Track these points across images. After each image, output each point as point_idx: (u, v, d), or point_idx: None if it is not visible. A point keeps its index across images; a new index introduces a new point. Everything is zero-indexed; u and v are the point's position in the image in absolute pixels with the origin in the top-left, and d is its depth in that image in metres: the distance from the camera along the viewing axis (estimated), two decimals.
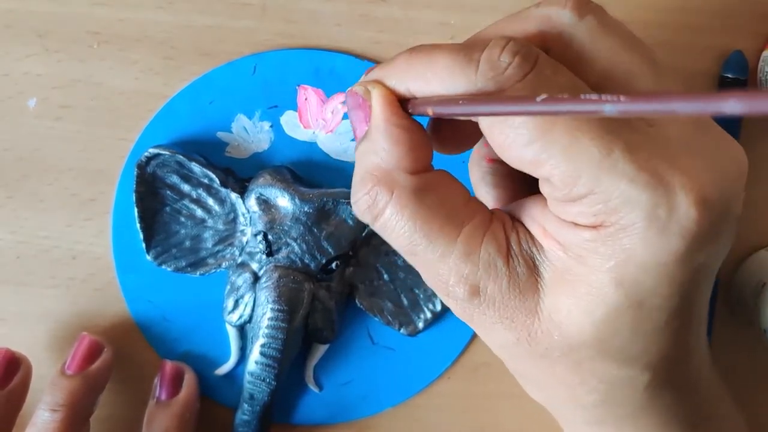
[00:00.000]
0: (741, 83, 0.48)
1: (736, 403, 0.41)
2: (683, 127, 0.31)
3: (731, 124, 0.48)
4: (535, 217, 0.33)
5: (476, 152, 0.39)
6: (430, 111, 0.32)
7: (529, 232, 0.33)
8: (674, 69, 0.49)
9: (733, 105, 0.20)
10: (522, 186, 0.38)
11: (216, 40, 0.49)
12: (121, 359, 0.50)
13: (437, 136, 0.37)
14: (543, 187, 0.32)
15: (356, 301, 0.49)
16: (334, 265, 0.48)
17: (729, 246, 0.33)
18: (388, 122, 0.33)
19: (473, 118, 0.33)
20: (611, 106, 0.24)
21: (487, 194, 0.40)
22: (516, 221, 0.34)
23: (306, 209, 0.47)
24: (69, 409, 0.45)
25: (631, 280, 0.30)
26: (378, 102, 0.34)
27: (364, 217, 0.34)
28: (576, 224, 0.31)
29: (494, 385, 0.51)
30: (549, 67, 0.31)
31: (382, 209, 0.33)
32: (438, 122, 0.37)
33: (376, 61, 0.49)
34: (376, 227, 0.34)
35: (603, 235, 0.30)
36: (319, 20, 0.49)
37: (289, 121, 0.49)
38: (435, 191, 0.33)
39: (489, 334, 0.34)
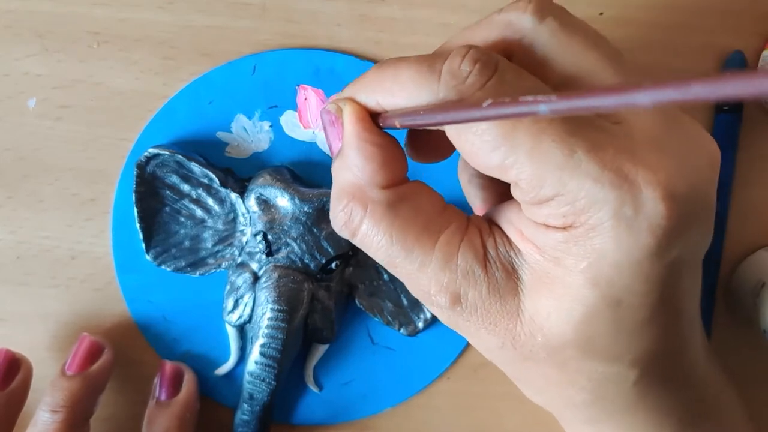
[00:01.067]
0: None
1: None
2: (651, 123, 0.31)
3: (731, 125, 0.48)
4: (512, 221, 0.33)
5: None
6: (397, 123, 0.32)
7: (507, 236, 0.33)
8: (674, 69, 0.49)
9: (643, 97, 0.20)
10: (507, 187, 0.38)
11: (216, 40, 0.49)
12: (121, 359, 0.50)
13: (414, 146, 0.37)
14: (514, 191, 0.32)
15: (356, 301, 0.49)
16: (333, 265, 0.48)
17: (708, 237, 0.33)
18: (359, 139, 0.34)
19: (440, 128, 0.33)
20: (544, 106, 0.24)
21: (475, 197, 0.40)
22: (494, 225, 0.34)
23: (306, 209, 0.47)
24: (69, 410, 0.45)
25: (606, 279, 0.30)
26: (349, 119, 0.34)
27: (343, 233, 0.34)
28: (548, 226, 0.31)
29: (494, 385, 0.51)
30: (510, 73, 0.31)
31: (358, 225, 0.34)
32: (414, 133, 0.37)
33: (376, 61, 0.49)
34: (356, 242, 0.34)
35: (574, 235, 0.30)
36: (319, 20, 0.49)
37: (288, 121, 0.49)
38: (409, 202, 0.34)
39: (475, 340, 0.35)
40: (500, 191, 0.39)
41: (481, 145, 0.30)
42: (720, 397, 0.39)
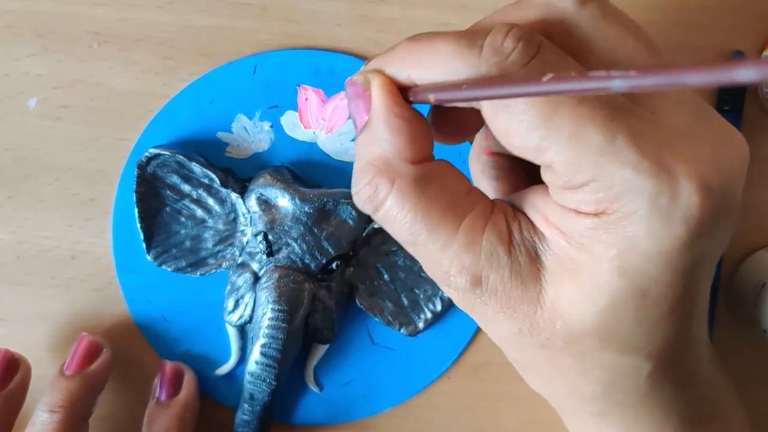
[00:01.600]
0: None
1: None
2: (685, 116, 0.31)
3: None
4: (537, 206, 0.33)
5: (476, 146, 0.39)
6: (432, 98, 0.32)
7: (531, 222, 0.33)
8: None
9: (744, 73, 0.20)
10: (522, 177, 0.38)
11: (216, 40, 0.49)
12: (121, 359, 0.50)
13: (437, 125, 0.37)
14: (545, 175, 0.32)
15: (356, 301, 0.49)
16: (334, 265, 0.48)
17: (729, 235, 0.33)
18: (389, 112, 0.33)
19: (475, 105, 0.32)
20: (621, 82, 0.24)
21: (488, 187, 0.40)
22: (517, 211, 0.34)
23: (306, 209, 0.47)
24: (68, 410, 0.45)
25: (635, 268, 0.30)
26: (378, 91, 0.33)
27: (365, 208, 0.34)
28: (578, 212, 0.31)
29: (494, 385, 0.51)
30: (552, 54, 0.31)
31: (383, 199, 0.33)
32: (438, 112, 0.37)
33: None
34: (377, 218, 0.34)
35: (605, 222, 0.30)
36: (319, 20, 0.49)
37: (289, 121, 0.49)
38: (436, 181, 0.33)
39: (490, 325, 0.34)
40: (515, 181, 0.38)
41: (518, 125, 0.30)
42: (721, 398, 0.39)
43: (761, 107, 0.48)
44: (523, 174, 0.38)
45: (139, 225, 0.49)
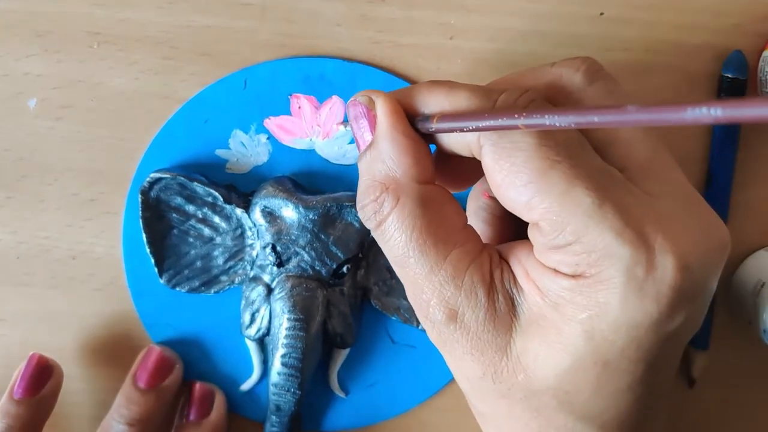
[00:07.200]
0: (741, 83, 0.48)
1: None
2: (675, 200, 0.32)
3: (731, 124, 0.48)
4: (520, 259, 0.33)
5: (478, 185, 0.40)
6: (433, 126, 0.33)
7: (513, 273, 0.33)
8: (674, 69, 0.49)
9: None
10: (511, 230, 0.39)
11: (216, 40, 0.49)
12: (126, 365, 0.49)
13: (441, 171, 0.37)
14: (531, 232, 0.32)
15: (372, 302, 0.50)
16: (344, 268, 0.48)
17: (700, 322, 0.34)
18: (396, 131, 0.34)
19: (476, 154, 0.33)
20: (632, 106, 0.24)
21: (477, 229, 0.40)
22: (502, 260, 0.34)
23: (311, 216, 0.47)
24: (144, 425, 0.46)
25: (602, 336, 0.31)
26: (383, 111, 0.34)
27: (369, 223, 0.34)
28: (557, 272, 0.32)
29: None
30: None
31: (387, 215, 0.34)
32: (442, 158, 0.37)
33: (370, 63, 0.49)
34: (377, 233, 0.34)
35: (581, 285, 0.31)
36: (319, 20, 0.49)
37: (279, 124, 0.49)
38: (436, 206, 0.34)
39: (457, 364, 0.35)
40: (502, 231, 0.39)
41: (514, 178, 0.31)
42: None
43: None
44: (512, 226, 0.39)
45: (148, 250, 0.49)
